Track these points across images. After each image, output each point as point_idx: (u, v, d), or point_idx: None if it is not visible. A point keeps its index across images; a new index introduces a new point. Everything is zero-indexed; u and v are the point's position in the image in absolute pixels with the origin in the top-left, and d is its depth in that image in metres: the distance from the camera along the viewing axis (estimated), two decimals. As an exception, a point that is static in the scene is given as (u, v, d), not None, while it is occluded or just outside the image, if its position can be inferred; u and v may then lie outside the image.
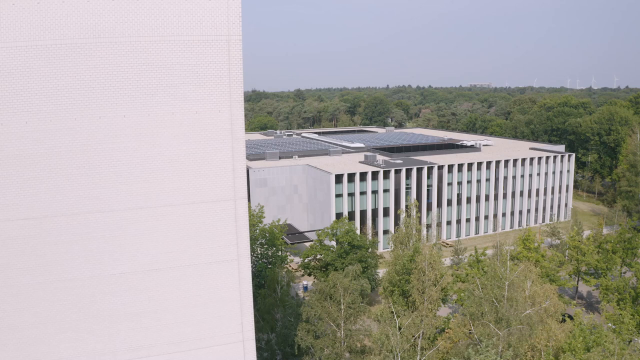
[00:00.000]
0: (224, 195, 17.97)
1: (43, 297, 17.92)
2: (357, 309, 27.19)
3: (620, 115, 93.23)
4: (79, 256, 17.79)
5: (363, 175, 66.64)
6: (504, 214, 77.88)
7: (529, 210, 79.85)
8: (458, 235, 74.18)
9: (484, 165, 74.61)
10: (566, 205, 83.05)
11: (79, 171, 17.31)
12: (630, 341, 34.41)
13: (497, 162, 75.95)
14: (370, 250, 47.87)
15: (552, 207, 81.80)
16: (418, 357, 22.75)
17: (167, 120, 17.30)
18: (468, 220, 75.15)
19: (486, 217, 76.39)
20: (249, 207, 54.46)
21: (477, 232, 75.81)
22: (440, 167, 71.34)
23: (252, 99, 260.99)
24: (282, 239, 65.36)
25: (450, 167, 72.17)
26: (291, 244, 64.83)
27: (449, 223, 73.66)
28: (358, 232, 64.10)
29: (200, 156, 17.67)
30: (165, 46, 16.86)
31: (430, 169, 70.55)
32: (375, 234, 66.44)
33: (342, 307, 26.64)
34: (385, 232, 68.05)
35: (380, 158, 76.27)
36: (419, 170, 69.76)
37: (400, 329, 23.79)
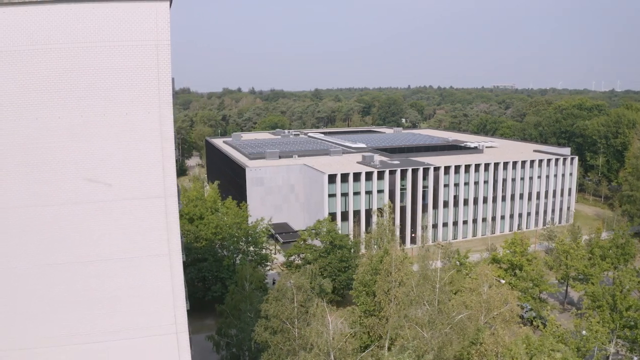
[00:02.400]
0: (153, 193, 18.73)
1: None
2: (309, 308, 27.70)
3: (628, 118, 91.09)
4: (18, 246, 18.73)
5: (357, 176, 66.92)
6: (502, 217, 77.13)
7: (529, 214, 78.88)
8: (455, 237, 73.79)
9: (482, 167, 74.01)
10: (568, 208, 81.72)
11: (17, 168, 18.24)
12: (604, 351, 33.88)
13: (496, 164, 75.25)
14: (353, 250, 48.24)
15: (553, 210, 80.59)
16: (356, 357, 23.17)
17: (99, 121, 18.13)
18: (465, 222, 74.67)
19: (484, 220, 75.76)
20: (244, 206, 55.28)
21: (474, 235, 75.29)
22: (437, 169, 71.07)
23: (270, 98, 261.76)
24: (275, 235, 66.20)
25: (447, 168, 71.80)
26: (284, 242, 65.63)
27: (445, 225, 73.34)
28: (351, 232, 64.50)
29: (130, 155, 18.46)
30: (96, 51, 17.66)
31: (425, 170, 70.36)
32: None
33: (295, 305, 27.22)
34: (380, 232, 68.17)
35: (377, 159, 76.39)
36: (414, 171, 69.65)
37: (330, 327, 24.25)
